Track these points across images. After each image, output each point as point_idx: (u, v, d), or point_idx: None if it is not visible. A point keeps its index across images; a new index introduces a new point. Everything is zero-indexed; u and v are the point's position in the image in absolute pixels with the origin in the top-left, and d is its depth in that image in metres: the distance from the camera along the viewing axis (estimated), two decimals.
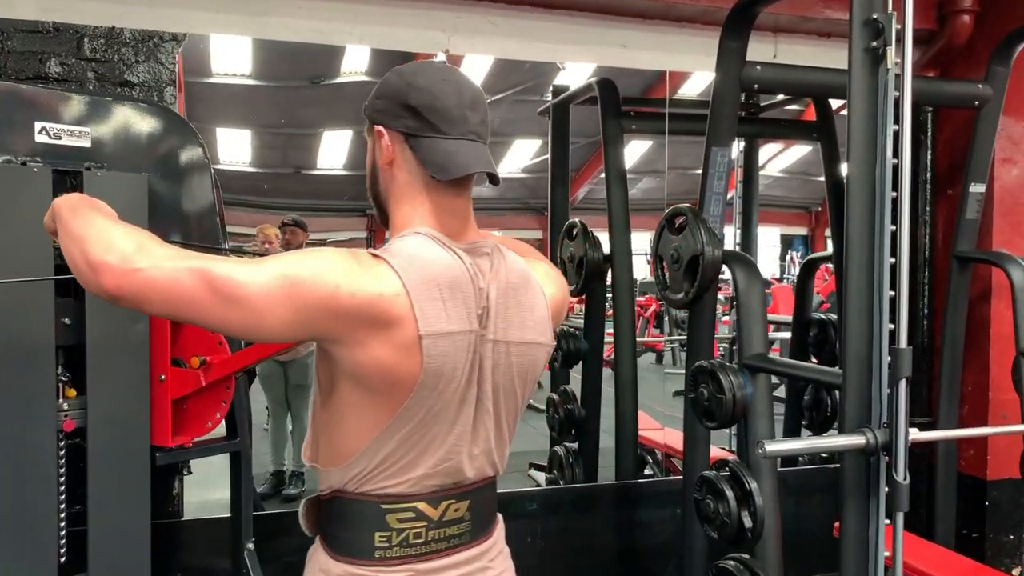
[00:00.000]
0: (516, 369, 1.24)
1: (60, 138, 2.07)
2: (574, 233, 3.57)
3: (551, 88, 4.09)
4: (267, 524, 2.70)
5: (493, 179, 1.23)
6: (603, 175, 3.51)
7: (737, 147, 4.22)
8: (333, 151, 12.08)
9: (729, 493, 2.46)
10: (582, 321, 3.80)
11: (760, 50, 2.84)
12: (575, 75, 5.28)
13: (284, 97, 10.06)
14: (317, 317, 1.09)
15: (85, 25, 2.58)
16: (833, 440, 2.36)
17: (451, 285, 1.15)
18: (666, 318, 9.77)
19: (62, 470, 2.04)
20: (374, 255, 1.13)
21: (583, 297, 3.77)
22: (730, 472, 2.50)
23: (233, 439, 2.42)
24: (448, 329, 1.13)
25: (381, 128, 1.21)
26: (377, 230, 14.88)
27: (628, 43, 3.10)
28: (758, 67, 2.72)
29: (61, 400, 2.03)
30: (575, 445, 3.76)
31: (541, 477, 4.30)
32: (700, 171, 2.77)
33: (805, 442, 2.74)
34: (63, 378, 2.04)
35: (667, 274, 2.83)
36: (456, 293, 1.15)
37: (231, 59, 9.83)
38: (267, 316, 1.09)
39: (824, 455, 3.66)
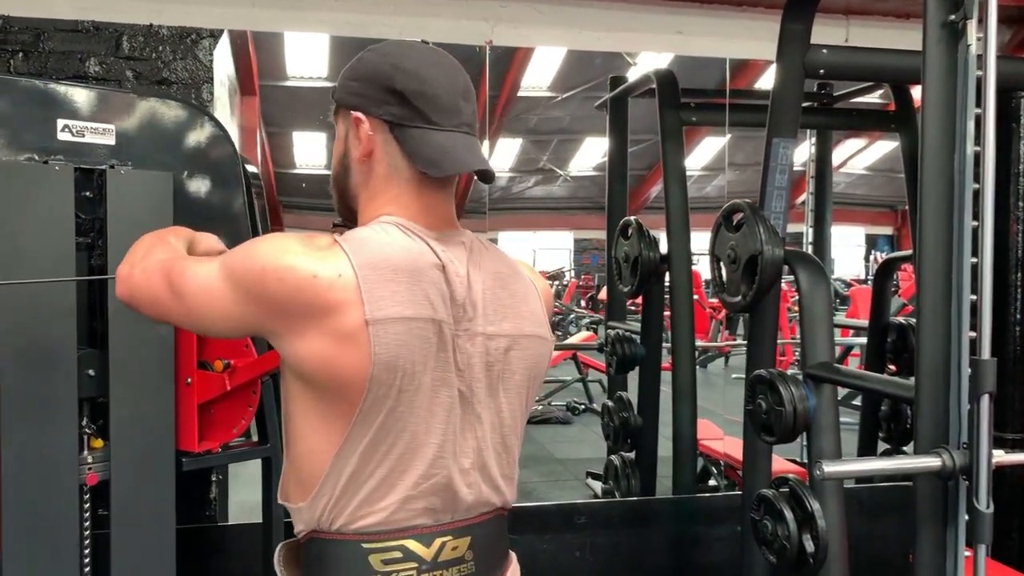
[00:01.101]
0: (519, 365, 1.10)
1: (83, 135, 2.03)
2: (629, 232, 3.39)
3: (608, 80, 3.92)
4: None
5: (487, 177, 1.10)
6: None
7: (809, 140, 3.97)
8: None
9: (789, 514, 2.25)
10: (639, 324, 3.62)
11: (830, 34, 2.61)
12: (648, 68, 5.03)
13: None
14: (251, 306, 0.99)
15: (124, 24, 2.56)
16: (903, 461, 2.13)
17: (411, 268, 1.01)
18: (741, 320, 9.44)
19: (85, 477, 2.00)
20: (335, 240, 1.01)
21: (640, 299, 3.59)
22: (790, 491, 2.29)
23: (264, 444, 2.35)
24: (403, 314, 0.98)
25: (360, 115, 1.06)
26: None
27: (684, 29, 2.91)
28: (824, 51, 2.50)
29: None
30: (632, 455, 3.59)
31: (599, 487, 4.13)
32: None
33: (870, 463, 2.48)
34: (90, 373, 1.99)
35: (724, 275, 2.63)
36: (418, 276, 1.01)
37: (307, 61, 9.97)
38: (209, 309, 1.03)
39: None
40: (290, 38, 8.75)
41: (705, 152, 9.18)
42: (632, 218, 3.42)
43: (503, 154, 12.77)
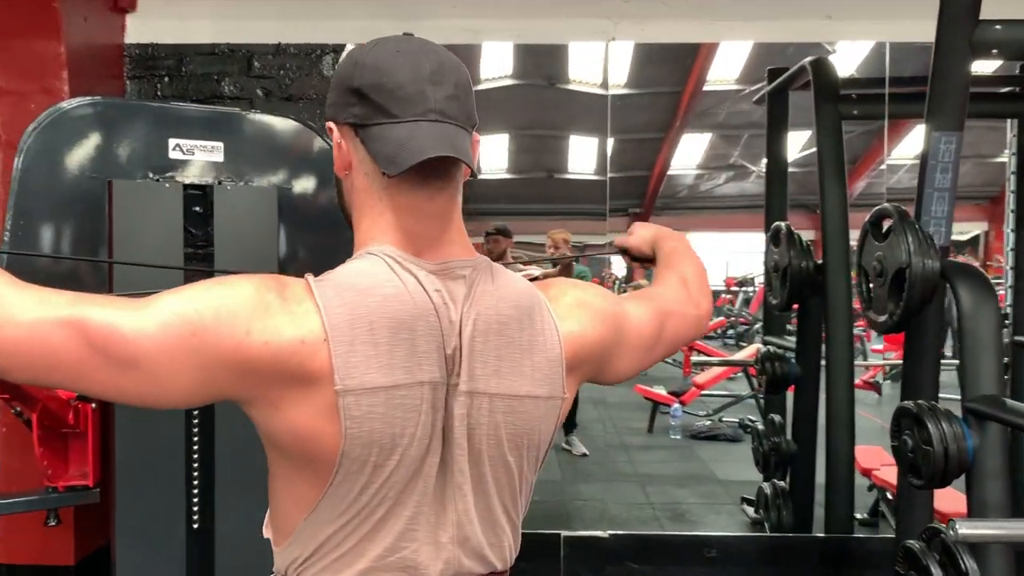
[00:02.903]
0: (504, 431, 0.92)
1: (193, 153, 2.14)
2: (779, 238, 3.08)
3: (766, 72, 3.60)
4: None
5: (472, 171, 0.93)
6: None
7: (1009, 130, 3.41)
8: (584, 153, 12.08)
9: (937, 574, 1.92)
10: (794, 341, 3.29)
11: (1008, 8, 2.20)
12: (850, 57, 4.54)
13: (533, 97, 10.19)
14: (222, 375, 0.82)
15: (255, 44, 2.68)
16: None
17: (394, 323, 0.85)
18: None
19: (195, 472, 2.11)
20: (309, 286, 0.86)
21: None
22: (942, 545, 1.95)
23: None
24: (380, 383, 0.83)
25: (331, 124, 0.94)
26: None
27: (834, 13, 2.58)
28: (997, 26, 2.11)
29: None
30: (786, 483, 3.27)
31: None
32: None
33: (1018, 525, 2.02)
34: None
35: (871, 290, 2.30)
36: (401, 333, 0.85)
37: (496, 63, 10.18)
38: (167, 381, 0.81)
39: None
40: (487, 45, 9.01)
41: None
42: (783, 223, 3.11)
43: (689, 150, 12.33)
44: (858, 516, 3.51)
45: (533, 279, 1.89)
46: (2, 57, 2.39)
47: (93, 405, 2.04)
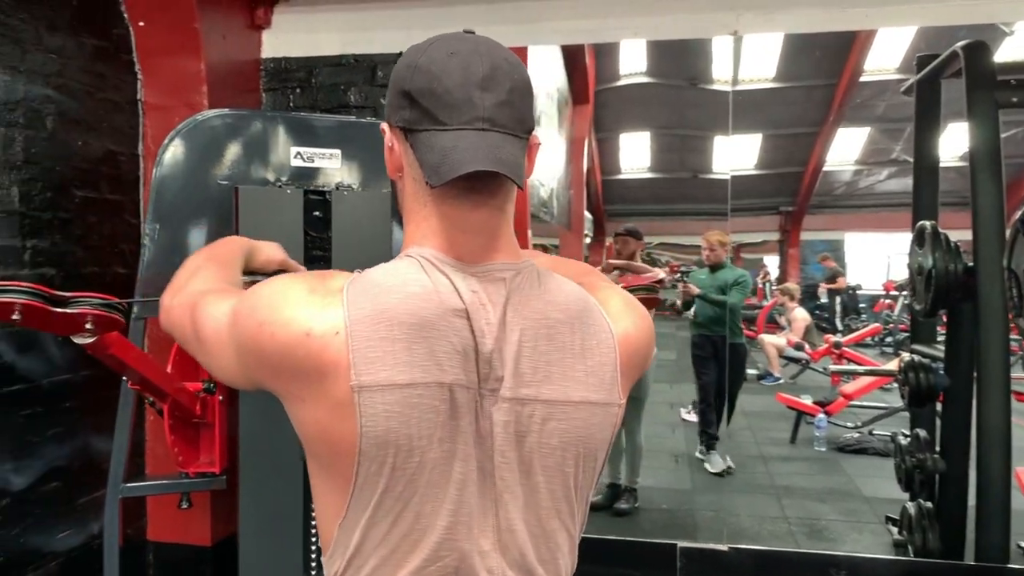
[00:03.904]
0: (560, 439, 0.89)
1: (312, 161, 2.24)
2: (924, 238, 2.85)
3: (915, 60, 3.34)
4: None
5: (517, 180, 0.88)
6: None
7: None
8: (743, 150, 11.67)
9: None
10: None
11: None
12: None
13: (675, 97, 9.96)
14: (251, 363, 0.89)
15: (378, 54, 2.78)
16: None
17: (417, 320, 0.83)
18: None
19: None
20: (345, 284, 0.87)
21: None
22: None
23: None
24: (395, 380, 0.82)
25: (384, 126, 0.93)
26: (791, 229, 13.99)
27: None
28: None
29: None
30: (932, 504, 3.02)
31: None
32: None
33: None
34: None
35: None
36: (426, 332, 0.83)
37: (633, 58, 10.03)
38: (218, 359, 0.94)
39: None
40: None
41: None
42: (928, 223, 2.87)
43: (846, 145, 11.63)
44: (1021, 544, 3.19)
45: (658, 281, 1.84)
46: (149, 75, 2.61)
47: (220, 397, 2.18)
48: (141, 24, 2.56)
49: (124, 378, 1.98)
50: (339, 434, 0.83)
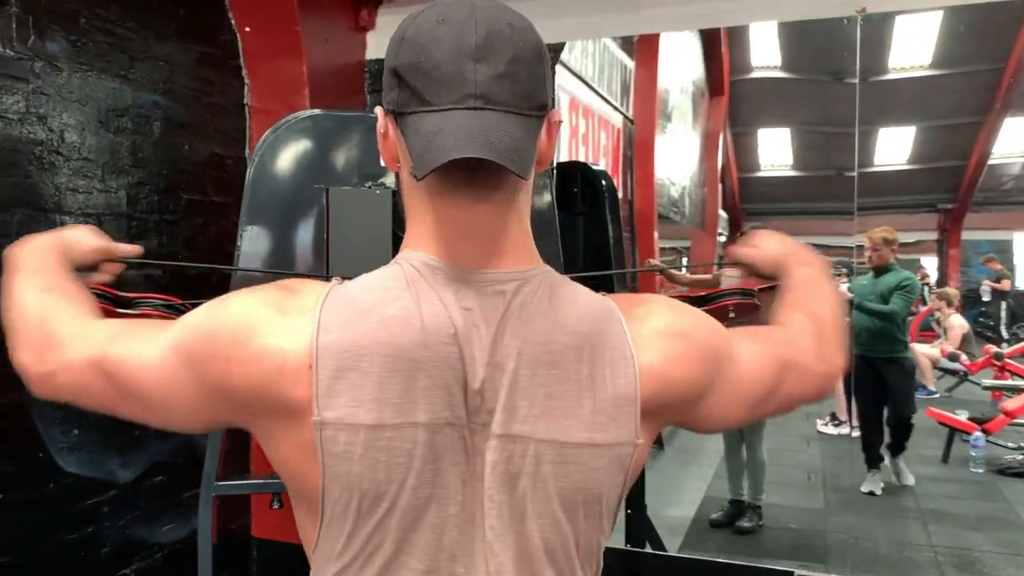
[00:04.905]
0: (554, 484, 0.75)
1: None
2: None
3: None
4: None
5: (521, 167, 0.72)
6: None
7: None
8: (892, 146, 10.88)
9: None
10: None
11: None
12: None
13: (819, 93, 9.38)
14: (220, 405, 0.77)
15: None
16: None
17: (389, 350, 0.72)
18: None
19: None
20: (322, 297, 0.76)
21: None
22: None
23: None
24: (362, 420, 0.72)
25: (378, 110, 0.80)
26: (951, 228, 12.88)
27: None
28: None
29: None
30: None
31: None
32: None
33: None
34: None
35: None
36: (402, 364, 0.72)
37: (767, 49, 9.52)
38: (168, 411, 0.80)
39: None
40: (754, 29, 8.49)
41: None
42: None
43: (1014, 136, 10.55)
44: None
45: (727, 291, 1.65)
46: (254, 79, 2.66)
47: None
48: (247, 30, 2.61)
49: None
50: (305, 473, 0.75)
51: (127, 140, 2.27)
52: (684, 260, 9.08)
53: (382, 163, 0.85)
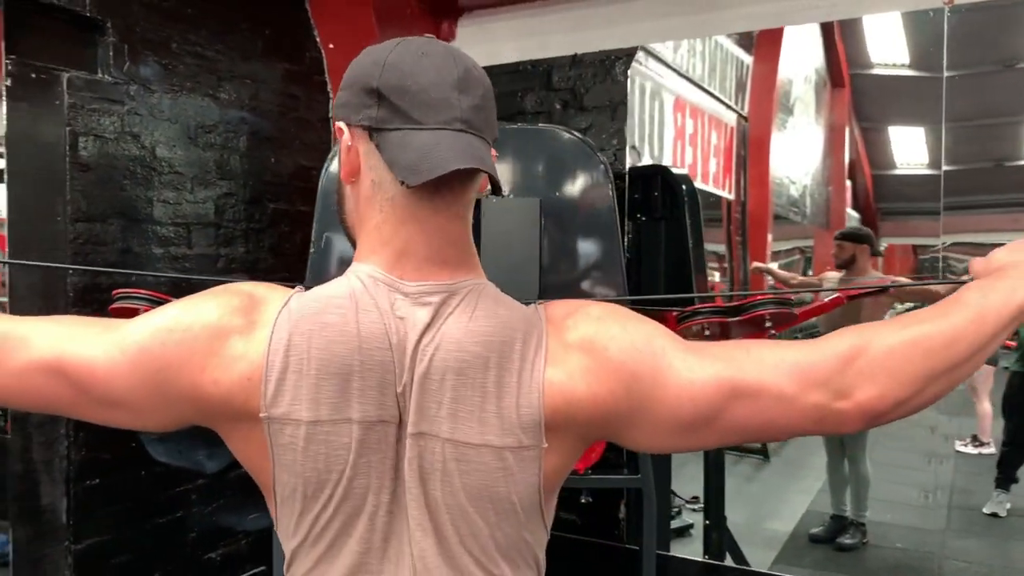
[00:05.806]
0: (459, 480, 0.82)
1: None
2: None
3: None
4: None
5: (493, 184, 0.84)
6: None
7: None
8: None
9: None
10: None
11: None
12: None
13: (971, 85, 8.71)
14: (187, 410, 0.85)
15: (553, 58, 2.75)
16: None
17: (327, 354, 0.81)
18: None
19: None
20: (282, 304, 0.84)
21: None
22: None
23: (634, 475, 2.26)
24: (302, 416, 0.81)
25: (341, 125, 0.87)
26: None
27: None
28: None
29: None
30: None
31: None
32: None
33: None
34: None
35: None
36: (337, 368, 0.81)
37: (889, 46, 8.95)
38: (147, 413, 0.86)
39: None
40: (868, 22, 8.01)
41: None
42: None
43: None
44: None
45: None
46: (335, 92, 2.79)
47: None
48: (331, 46, 2.75)
49: None
50: (263, 463, 0.84)
51: (215, 154, 2.44)
52: (803, 260, 8.70)
53: (342, 173, 0.90)
